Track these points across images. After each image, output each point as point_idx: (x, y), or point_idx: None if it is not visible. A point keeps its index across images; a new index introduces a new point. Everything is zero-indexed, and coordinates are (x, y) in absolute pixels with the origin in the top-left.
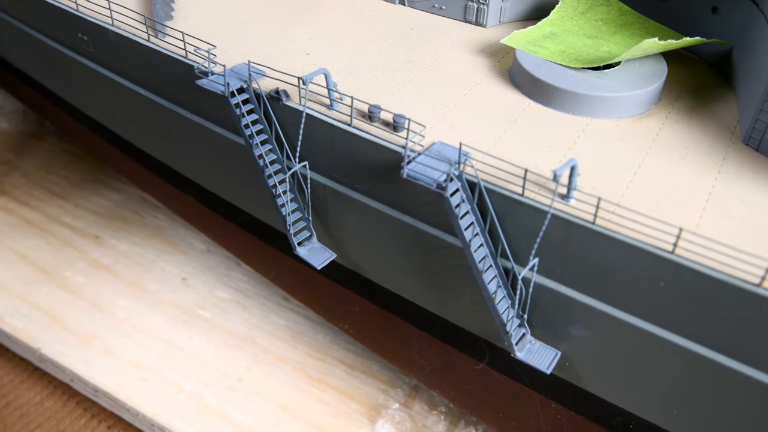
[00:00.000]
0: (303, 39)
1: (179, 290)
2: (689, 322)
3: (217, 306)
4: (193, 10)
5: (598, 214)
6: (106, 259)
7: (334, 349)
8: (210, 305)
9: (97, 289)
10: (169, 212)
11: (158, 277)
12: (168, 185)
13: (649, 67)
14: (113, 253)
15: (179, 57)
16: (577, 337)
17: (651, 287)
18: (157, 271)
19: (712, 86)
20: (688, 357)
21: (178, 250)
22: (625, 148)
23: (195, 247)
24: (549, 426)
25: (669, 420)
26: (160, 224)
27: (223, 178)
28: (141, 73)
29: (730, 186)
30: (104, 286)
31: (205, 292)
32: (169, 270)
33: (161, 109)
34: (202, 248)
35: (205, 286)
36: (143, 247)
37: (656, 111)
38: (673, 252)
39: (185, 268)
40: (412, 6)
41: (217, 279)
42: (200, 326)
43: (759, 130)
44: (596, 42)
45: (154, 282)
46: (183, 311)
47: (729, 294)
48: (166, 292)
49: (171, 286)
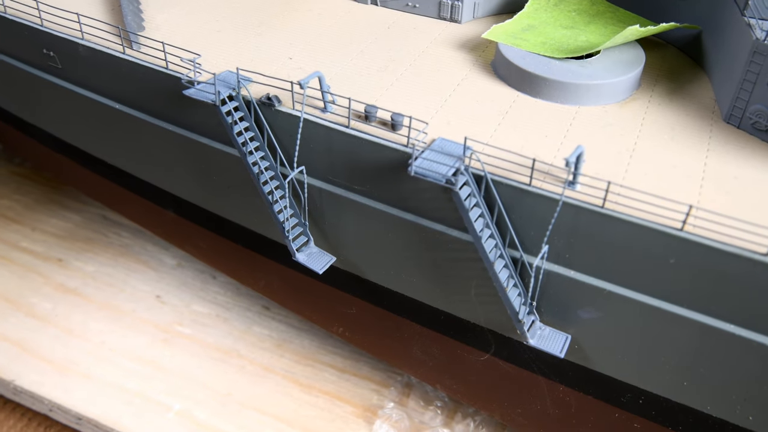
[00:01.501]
0: (282, 43)
1: (155, 308)
2: (700, 296)
3: (196, 321)
4: (163, 19)
5: (604, 198)
6: (72, 283)
7: (321, 354)
8: (189, 321)
9: (68, 314)
10: (134, 229)
11: (131, 297)
12: (144, 201)
13: (628, 54)
14: (79, 275)
15: (160, 68)
16: (587, 320)
17: (661, 265)
18: (130, 291)
19: (684, 69)
20: (698, 329)
21: (149, 267)
22: (616, 133)
23: (165, 263)
24: (556, 409)
25: (679, 392)
26: (125, 242)
27: (208, 189)
28: (115, 87)
29: (721, 163)
30: (75, 311)
31: (182, 309)
32: (142, 288)
33: (138, 123)
34: (172, 264)
35: (182, 302)
36: (111, 267)
37: (638, 96)
38: (683, 229)
39: (158, 285)
40: (385, 6)
41: (192, 294)
42: (182, 343)
43: (739, 108)
44: (573, 32)
45: (128, 302)
46: (162, 329)
47: (739, 265)
48: (142, 311)
49: (146, 305)
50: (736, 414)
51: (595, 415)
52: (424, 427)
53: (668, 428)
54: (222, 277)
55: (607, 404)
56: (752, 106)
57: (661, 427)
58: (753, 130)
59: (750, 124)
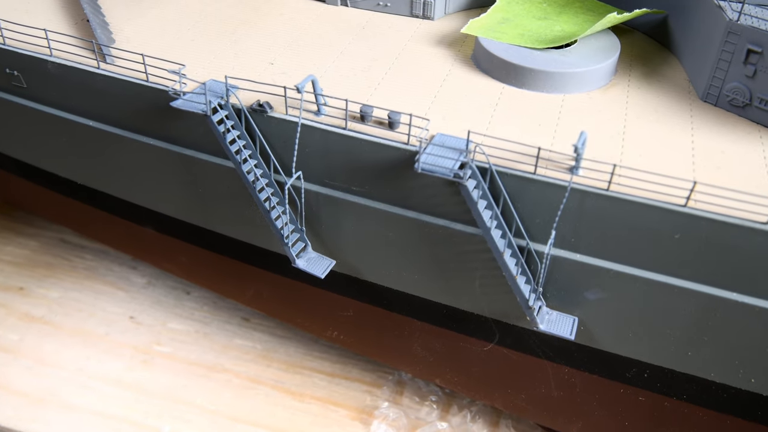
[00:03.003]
0: (260, 49)
1: (130, 330)
2: (704, 268)
3: (175, 339)
4: (132, 31)
5: (609, 181)
6: (38, 311)
7: (308, 360)
8: (167, 340)
9: (37, 343)
10: (97, 251)
11: (103, 320)
12: (119, 220)
13: (603, 41)
14: (44, 303)
15: (141, 81)
16: (593, 301)
17: (666, 241)
18: (101, 314)
19: (653, 53)
20: (703, 300)
21: (117, 288)
22: (605, 118)
23: (135, 283)
24: (560, 391)
25: (683, 362)
26: (90, 265)
27: (192, 202)
28: (89, 104)
29: (707, 140)
30: (44, 340)
31: (158, 327)
32: (113, 310)
33: (116, 139)
34: (142, 282)
35: (157, 321)
36: (78, 292)
37: (617, 81)
38: (686, 205)
39: (130, 305)
40: (355, 6)
41: (167, 311)
42: (162, 363)
43: (716, 87)
44: (547, 23)
45: (100, 326)
46: (140, 351)
47: (741, 235)
48: (117, 333)
49: (120, 327)
50: (739, 378)
51: (600, 393)
52: (422, 422)
53: (672, 398)
54: (196, 291)
55: (612, 381)
56: (728, 84)
57: (666, 397)
58: (730, 107)
59: (727, 101)
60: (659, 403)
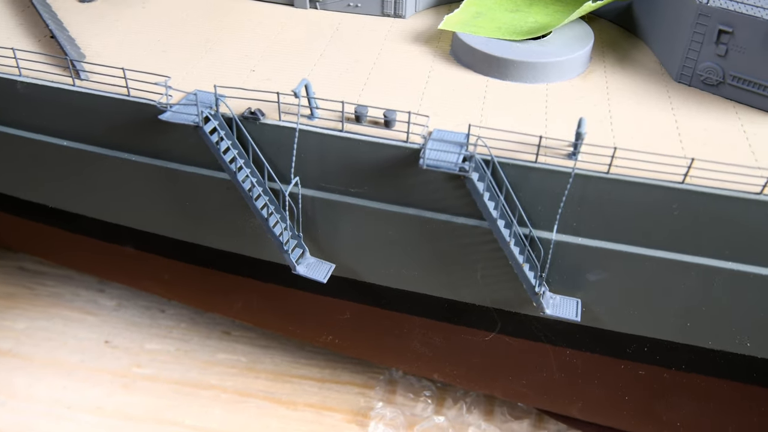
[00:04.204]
0: (238, 57)
1: (106, 355)
2: (701, 241)
3: (155, 360)
4: (99, 45)
5: (609, 164)
6: (4, 344)
7: (296, 368)
8: (147, 361)
9: (7, 378)
10: (60, 276)
11: (76, 348)
12: (94, 241)
13: (577, 30)
14: (11, 335)
15: (122, 96)
16: (594, 282)
17: (665, 217)
18: (73, 342)
19: (621, 39)
20: (701, 272)
21: (87, 313)
22: (589, 103)
23: (105, 306)
24: (561, 373)
25: (682, 333)
26: (54, 291)
27: (178, 217)
28: (63, 123)
29: (688, 118)
30: (15, 373)
31: (136, 350)
32: (86, 336)
33: (93, 158)
34: (112, 305)
35: (134, 343)
36: (45, 321)
37: (593, 68)
38: (684, 182)
39: (103, 329)
40: (325, 8)
41: (143, 332)
42: (144, 386)
43: (689, 68)
44: (520, 15)
45: (74, 353)
46: (119, 375)
47: (737, 205)
48: (92, 360)
49: (95, 353)
50: (735, 343)
51: (601, 371)
52: (418, 419)
53: (671, 369)
54: (171, 309)
55: (613, 359)
56: (701, 64)
57: (665, 369)
58: (704, 86)
59: (701, 80)
60: (659, 375)
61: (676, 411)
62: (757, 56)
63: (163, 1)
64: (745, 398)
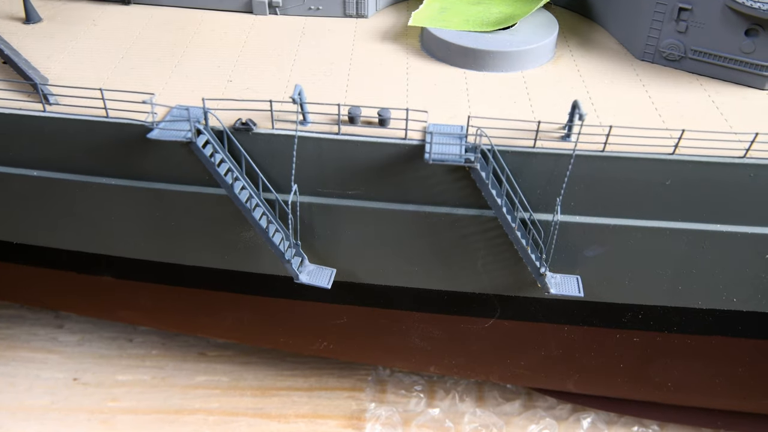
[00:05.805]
0: (210, 68)
1: (77, 392)
2: (691, 206)
3: (131, 391)
4: (59, 67)
5: (605, 142)
6: None
7: (280, 380)
8: (122, 393)
9: None
10: (10, 317)
11: (44, 389)
12: (65, 273)
13: (541, 18)
14: None
15: (100, 118)
16: (592, 257)
17: (658, 189)
18: (39, 383)
19: (579, 24)
20: (691, 236)
21: (48, 351)
22: (567, 86)
23: (65, 342)
24: (560, 350)
25: (674, 297)
26: (7, 333)
27: (161, 238)
28: (33, 152)
29: (660, 93)
30: None
31: (108, 383)
32: (51, 376)
33: (66, 186)
34: (74, 340)
35: (105, 377)
36: (3, 365)
37: (561, 53)
38: (674, 153)
39: (69, 366)
40: (285, 13)
41: (113, 364)
42: (125, 419)
43: (652, 46)
44: (484, 7)
45: (43, 396)
46: (96, 412)
47: (723, 170)
48: (63, 400)
49: (65, 392)
50: (723, 300)
51: (597, 343)
52: (413, 414)
53: (664, 332)
54: (139, 337)
55: (608, 329)
56: (663, 41)
57: (658, 333)
58: (667, 62)
59: (663, 57)
60: (652, 339)
61: (668, 372)
62: (716, 30)
63: (115, 17)
64: (730, 352)
